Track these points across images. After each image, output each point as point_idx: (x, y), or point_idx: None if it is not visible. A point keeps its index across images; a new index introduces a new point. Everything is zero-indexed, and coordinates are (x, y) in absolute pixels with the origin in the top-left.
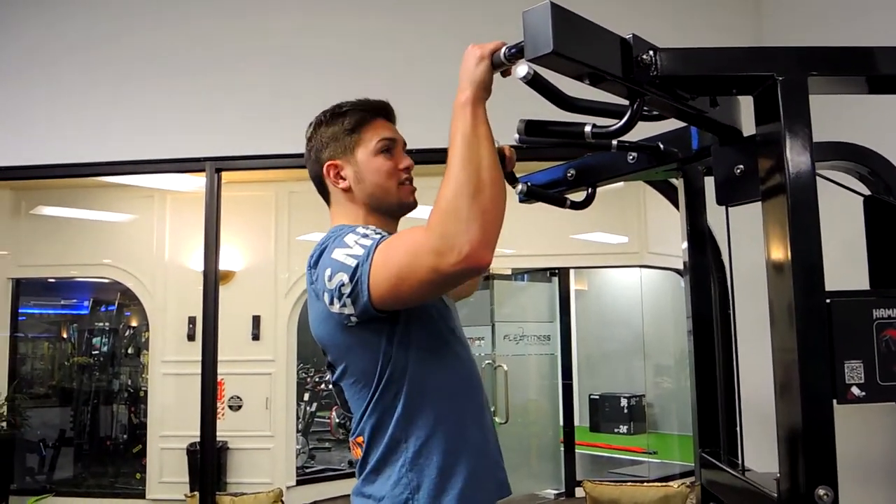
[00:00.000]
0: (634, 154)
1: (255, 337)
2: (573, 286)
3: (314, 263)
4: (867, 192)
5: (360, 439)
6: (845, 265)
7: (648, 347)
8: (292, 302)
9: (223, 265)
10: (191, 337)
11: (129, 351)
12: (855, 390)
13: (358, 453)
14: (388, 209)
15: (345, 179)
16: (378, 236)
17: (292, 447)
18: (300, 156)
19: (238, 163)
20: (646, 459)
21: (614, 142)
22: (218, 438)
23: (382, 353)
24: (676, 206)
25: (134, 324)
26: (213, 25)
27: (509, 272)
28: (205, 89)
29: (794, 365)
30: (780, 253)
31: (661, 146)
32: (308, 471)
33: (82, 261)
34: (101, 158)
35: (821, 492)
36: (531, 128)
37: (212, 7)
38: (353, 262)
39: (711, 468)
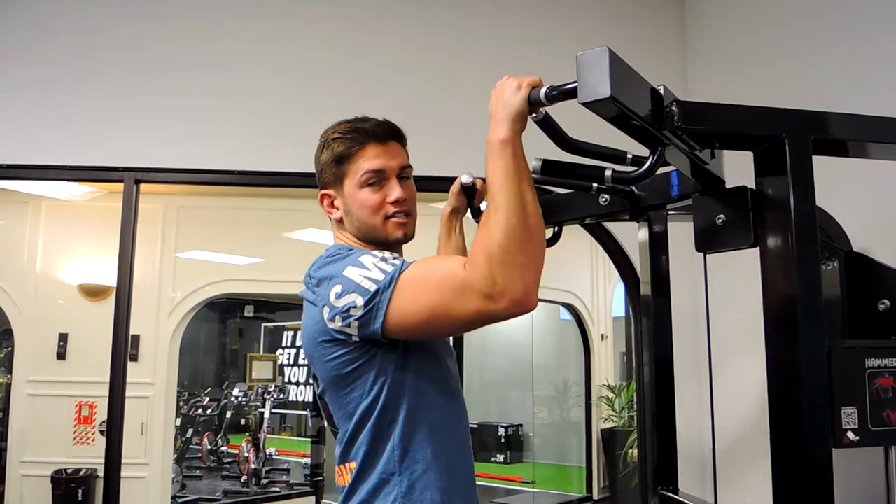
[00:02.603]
0: (607, 196)
1: (133, 357)
2: None
3: (316, 271)
4: None
5: (353, 465)
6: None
7: (535, 378)
8: (176, 321)
9: (99, 279)
10: (61, 356)
11: None
12: (850, 435)
13: (346, 480)
14: (379, 243)
15: (337, 209)
16: (399, 263)
17: (168, 476)
18: (227, 172)
19: (159, 175)
20: (526, 489)
21: (595, 185)
22: (86, 466)
23: (376, 375)
24: (605, 247)
25: None
26: (137, 31)
27: None
28: (126, 95)
29: (796, 410)
30: (783, 303)
31: (636, 191)
32: (180, 501)
33: None
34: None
35: None
36: (548, 167)
37: (137, 11)
38: (370, 287)
39: None
